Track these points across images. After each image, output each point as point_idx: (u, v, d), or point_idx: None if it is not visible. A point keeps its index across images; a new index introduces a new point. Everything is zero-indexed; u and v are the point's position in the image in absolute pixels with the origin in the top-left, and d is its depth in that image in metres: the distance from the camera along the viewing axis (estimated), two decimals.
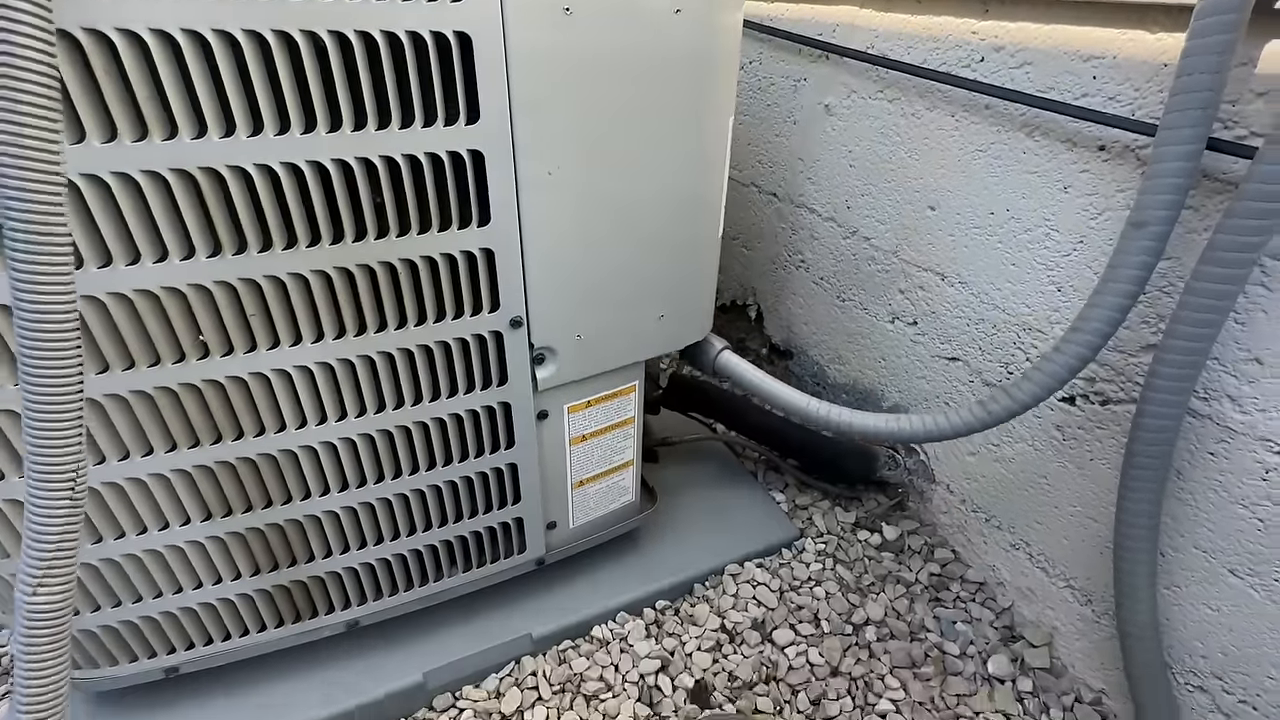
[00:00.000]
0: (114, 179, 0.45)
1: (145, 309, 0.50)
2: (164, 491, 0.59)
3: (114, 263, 0.48)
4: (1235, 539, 0.64)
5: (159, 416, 0.55)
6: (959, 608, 0.92)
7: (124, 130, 0.44)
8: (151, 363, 0.53)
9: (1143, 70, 0.63)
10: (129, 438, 0.55)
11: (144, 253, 0.49)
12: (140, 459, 0.56)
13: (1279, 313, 0.57)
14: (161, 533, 0.61)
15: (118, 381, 0.52)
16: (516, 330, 0.65)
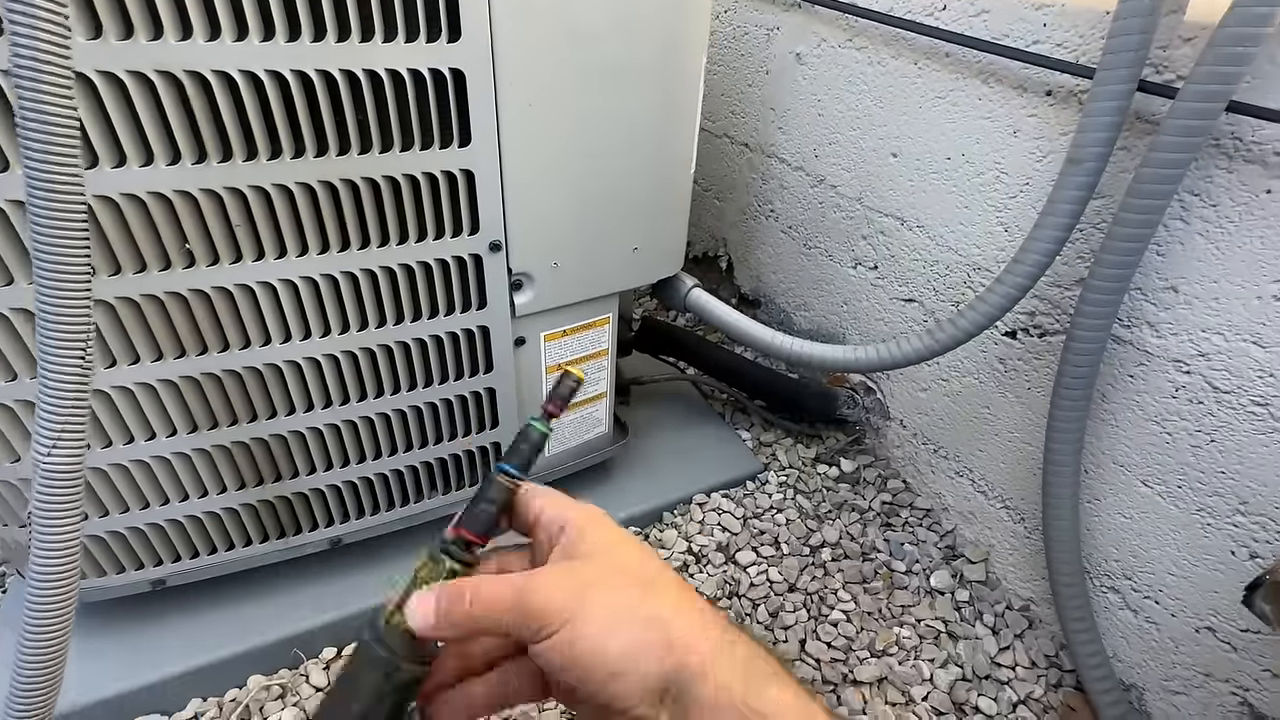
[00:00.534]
0: (100, 78, 0.46)
1: (131, 214, 0.52)
2: (151, 402, 0.61)
3: (100, 165, 0.49)
4: (1147, 452, 0.71)
5: (145, 325, 0.57)
6: (907, 531, 0.99)
7: (109, 29, 0.45)
8: (138, 269, 0.54)
9: (1087, 17, 0.67)
10: (116, 346, 0.57)
11: (130, 156, 0.50)
12: (127, 367, 0.58)
13: (1194, 244, 0.63)
14: (149, 443, 0.63)
15: (104, 287, 0.54)
16: (495, 254, 0.67)
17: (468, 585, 0.29)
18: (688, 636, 0.27)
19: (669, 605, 0.28)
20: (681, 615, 0.27)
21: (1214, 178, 0.61)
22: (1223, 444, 0.65)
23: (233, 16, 0.48)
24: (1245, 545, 0.65)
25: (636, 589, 0.28)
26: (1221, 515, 0.66)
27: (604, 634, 0.26)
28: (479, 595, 0.28)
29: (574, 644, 0.26)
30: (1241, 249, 0.60)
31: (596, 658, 0.26)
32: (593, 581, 0.28)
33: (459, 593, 0.29)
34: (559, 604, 0.27)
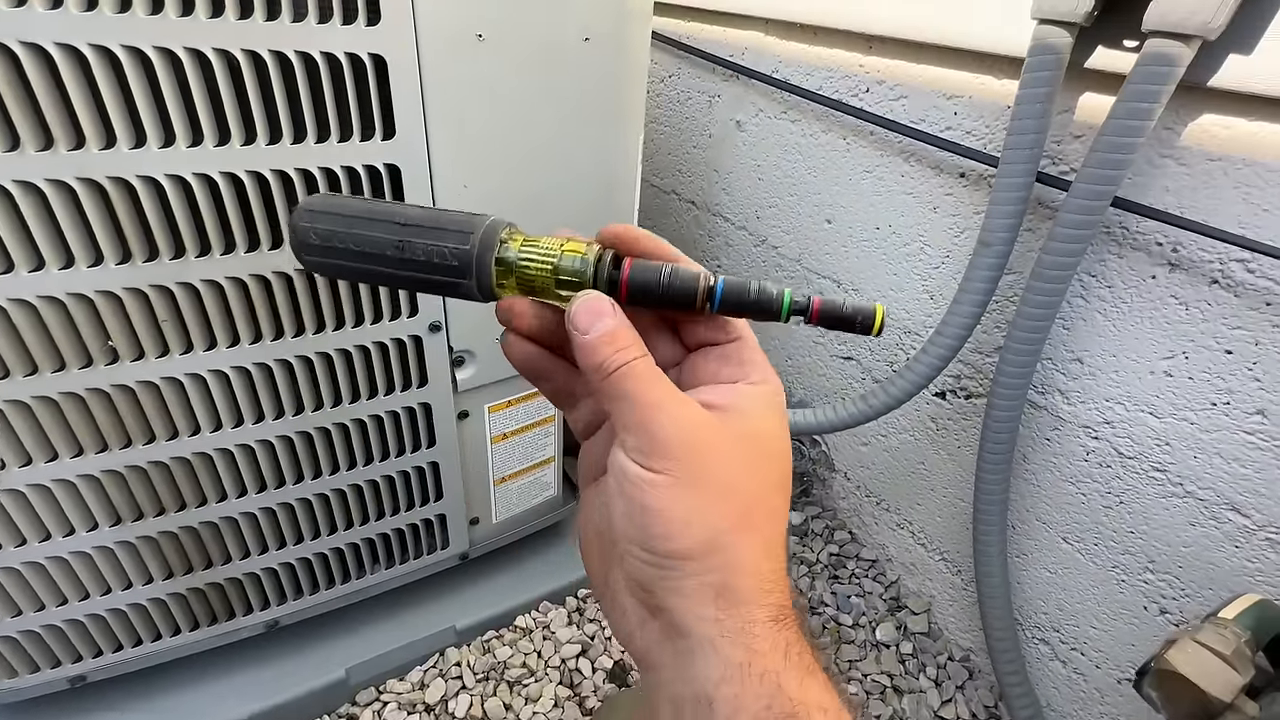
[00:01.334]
0: (16, 187, 0.45)
1: (50, 316, 0.51)
2: (70, 497, 0.59)
3: (16, 269, 0.48)
4: (1066, 511, 0.75)
5: (64, 422, 0.55)
6: (854, 583, 1.01)
7: (26, 140, 0.45)
8: (56, 368, 0.53)
9: (991, 110, 0.73)
10: (31, 444, 0.55)
11: (48, 260, 0.49)
12: (44, 465, 0.56)
13: (1094, 321, 0.68)
14: (67, 539, 0.60)
15: (19, 388, 0.52)
16: (435, 334, 0.68)
17: (631, 348, 0.24)
18: (744, 587, 0.23)
19: (747, 550, 0.23)
20: (746, 571, 0.23)
21: (1107, 261, 0.66)
22: (1130, 505, 0.69)
23: (159, 123, 0.48)
24: (1155, 601, 0.69)
25: (734, 513, 0.23)
26: (1133, 572, 0.70)
27: (676, 523, 0.23)
28: (633, 375, 0.24)
29: (647, 496, 0.23)
30: (1135, 327, 0.65)
31: (660, 526, 0.23)
32: (708, 473, 0.23)
33: (616, 341, 0.24)
34: (668, 455, 0.23)
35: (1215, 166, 0.57)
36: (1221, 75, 0.53)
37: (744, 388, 0.26)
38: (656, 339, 0.29)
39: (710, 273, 0.26)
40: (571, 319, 0.24)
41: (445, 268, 0.25)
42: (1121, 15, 0.56)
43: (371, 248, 0.26)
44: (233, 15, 0.47)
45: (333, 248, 0.26)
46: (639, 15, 0.67)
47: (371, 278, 0.27)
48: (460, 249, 0.25)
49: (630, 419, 0.23)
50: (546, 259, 0.26)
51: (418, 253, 0.25)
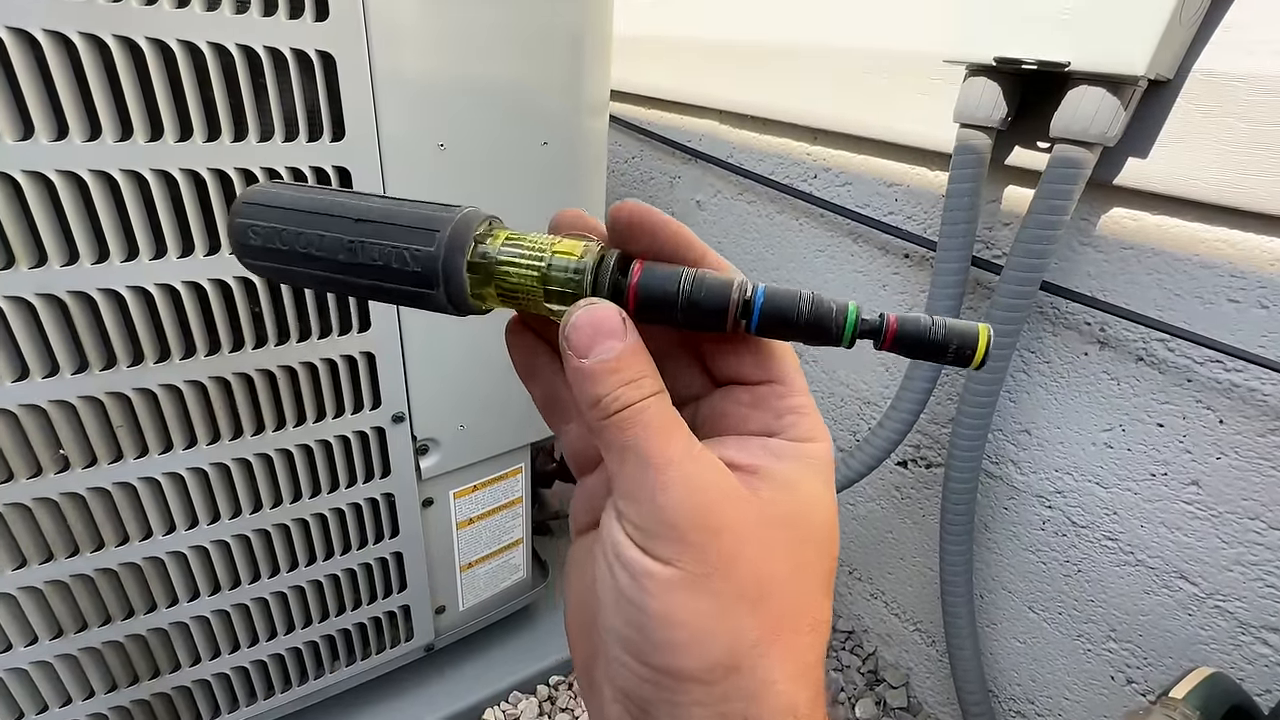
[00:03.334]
0: None
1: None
2: (9, 611, 0.56)
3: None
4: (1028, 579, 0.76)
5: (8, 533, 0.54)
6: (832, 657, 1.00)
7: None
8: (3, 479, 0.52)
9: (928, 198, 0.78)
10: None
11: (0, 373, 0.49)
12: None
13: (1037, 394, 0.71)
14: (3, 655, 0.57)
15: None
16: (399, 425, 0.68)
17: (642, 381, 0.18)
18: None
19: (780, 672, 0.18)
20: (777, 703, 0.18)
21: (1044, 339, 0.70)
22: (1088, 574, 0.70)
23: (122, 237, 0.50)
24: (1121, 671, 0.69)
25: (765, 623, 0.18)
26: (1097, 641, 0.71)
27: (685, 633, 0.17)
28: (642, 421, 0.18)
29: (647, 593, 0.18)
30: (1075, 400, 0.68)
31: (662, 634, 0.18)
32: (733, 566, 0.18)
33: (624, 371, 0.18)
34: (679, 538, 0.17)
35: (1130, 254, 0.61)
36: (1124, 175, 0.58)
37: (783, 446, 0.20)
38: (675, 364, 0.22)
39: (748, 280, 0.20)
40: (567, 335, 0.19)
41: (407, 274, 0.20)
42: (1032, 122, 0.62)
43: (320, 249, 0.21)
44: (200, 138, 0.49)
45: (275, 249, 0.21)
46: (595, 112, 0.71)
47: (322, 284, 0.22)
48: (423, 251, 0.20)
49: (632, 482, 0.18)
50: (533, 261, 0.20)
51: (373, 255, 0.20)
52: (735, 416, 0.21)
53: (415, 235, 0.20)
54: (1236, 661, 0.60)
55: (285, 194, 0.22)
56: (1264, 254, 0.53)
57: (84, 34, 0.44)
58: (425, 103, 0.57)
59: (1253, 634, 0.58)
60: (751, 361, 0.21)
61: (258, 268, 0.22)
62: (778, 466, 0.19)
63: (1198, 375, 0.58)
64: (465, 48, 0.58)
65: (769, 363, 0.21)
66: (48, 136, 0.45)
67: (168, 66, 0.47)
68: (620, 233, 0.21)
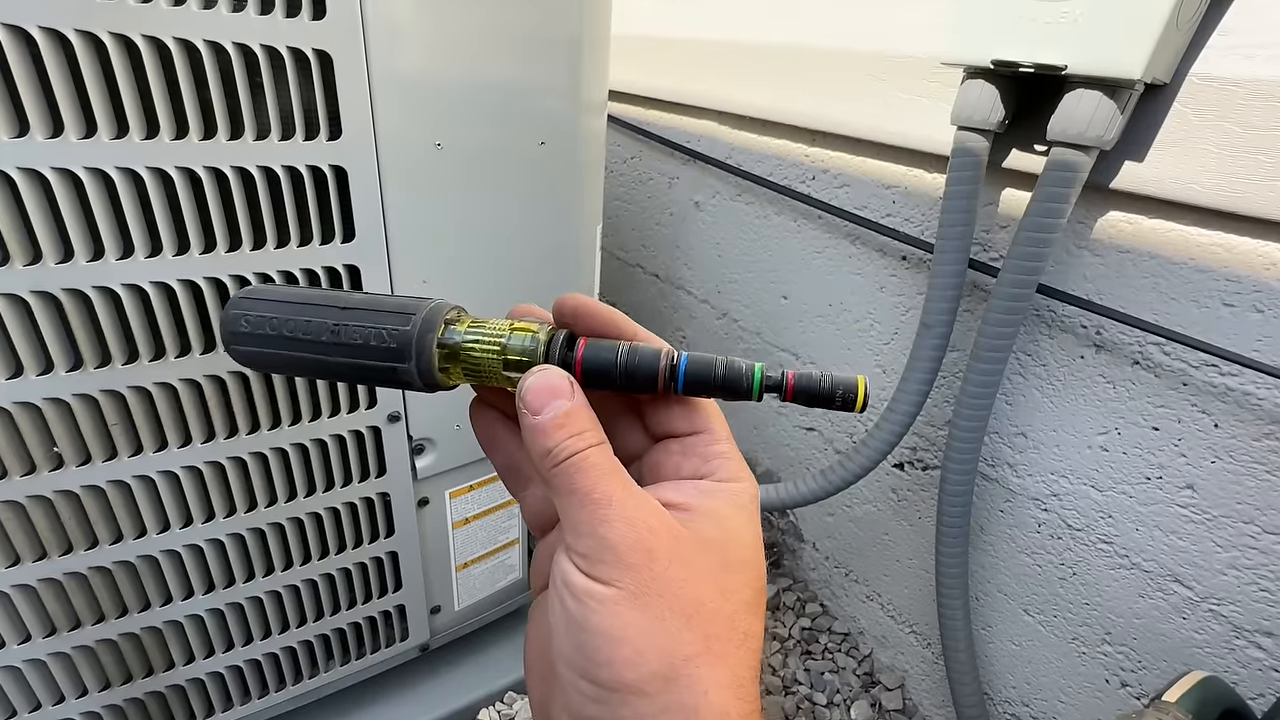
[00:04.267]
0: None
1: None
2: (1, 609, 0.56)
3: None
4: (1024, 582, 0.76)
5: (1, 531, 0.53)
6: (827, 659, 1.00)
7: None
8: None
9: (926, 200, 0.78)
10: None
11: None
12: None
13: (1033, 397, 0.72)
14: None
15: None
16: (394, 424, 0.68)
17: (586, 433, 0.21)
18: None
19: (713, 684, 0.20)
20: (711, 712, 0.19)
21: (1040, 342, 0.70)
22: (1083, 577, 0.70)
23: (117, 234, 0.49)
24: (1116, 674, 0.69)
25: (697, 638, 0.20)
26: (1092, 644, 0.71)
27: (625, 648, 0.19)
28: (584, 466, 0.21)
29: (590, 611, 0.20)
30: (1071, 403, 0.68)
31: (604, 651, 0.19)
32: (667, 587, 0.20)
33: (570, 425, 0.21)
34: (618, 562, 0.20)
35: (1125, 258, 0.61)
36: (1121, 179, 0.58)
37: (711, 486, 0.23)
38: (622, 427, 0.26)
39: (674, 350, 0.24)
40: (522, 396, 0.22)
41: (383, 350, 0.24)
42: (1029, 125, 0.62)
43: (305, 333, 0.24)
44: (196, 136, 0.49)
45: (264, 335, 0.24)
46: (593, 112, 0.71)
47: (305, 367, 0.25)
48: (399, 330, 0.24)
49: (578, 519, 0.20)
50: (493, 340, 0.24)
51: (354, 335, 0.24)
52: (670, 465, 0.25)
53: (393, 318, 0.24)
54: (1230, 665, 0.60)
55: (277, 290, 0.26)
56: (1259, 258, 0.53)
57: (80, 31, 0.44)
58: (422, 102, 0.57)
59: (1247, 638, 0.58)
60: (681, 415, 0.25)
61: (245, 354, 0.25)
62: (707, 503, 0.22)
63: (1193, 379, 0.58)
64: (463, 47, 0.57)
65: (695, 416, 0.25)
66: (43, 134, 0.45)
67: (164, 64, 0.47)
68: (566, 318, 0.25)
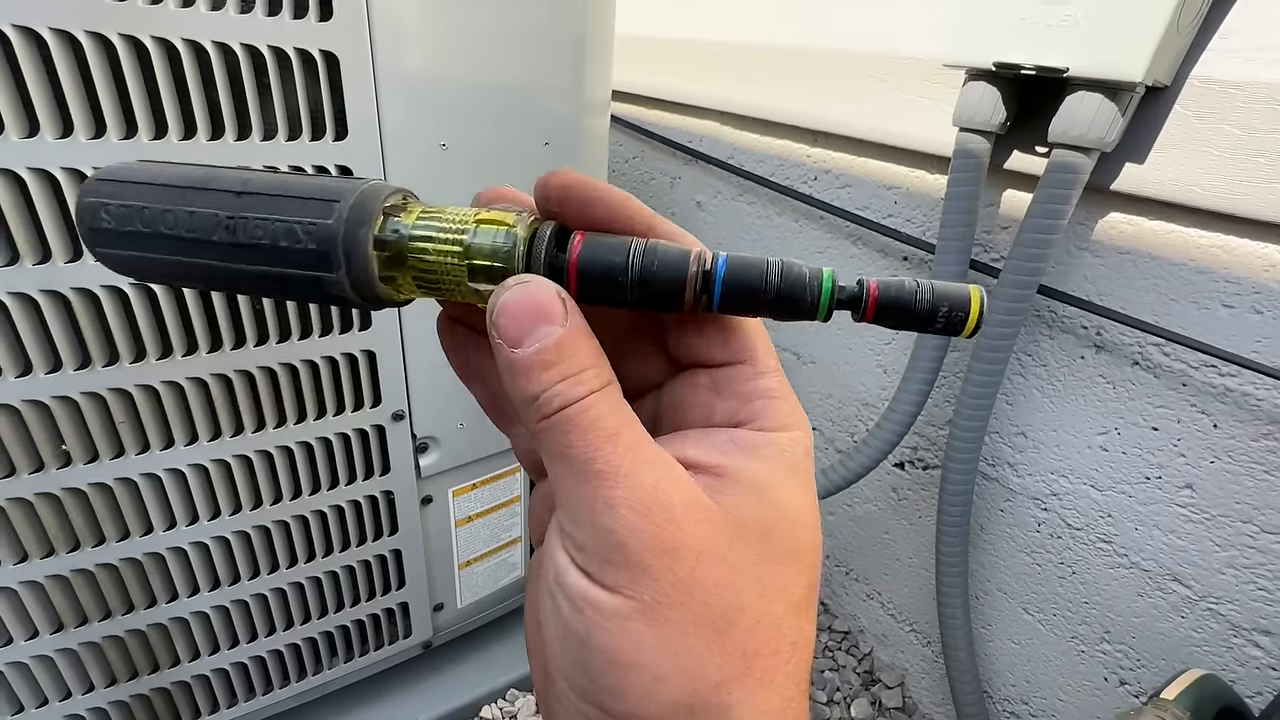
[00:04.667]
0: None
1: (2, 423, 0.50)
2: (10, 605, 0.57)
3: None
4: (1024, 580, 0.77)
5: (9, 528, 0.54)
6: (827, 656, 1.00)
7: None
8: (5, 474, 0.52)
9: (927, 201, 0.78)
10: None
11: (4, 368, 0.49)
12: None
13: (1033, 397, 0.72)
14: (4, 649, 0.58)
15: None
16: (399, 423, 0.68)
17: (585, 374, 0.16)
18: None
19: (752, 714, 0.15)
20: None
21: (1040, 342, 0.70)
22: (1083, 576, 0.71)
23: None
24: (1115, 672, 0.70)
25: (733, 657, 0.15)
26: (1091, 643, 0.71)
27: (638, 674, 0.15)
28: (583, 423, 0.15)
29: (594, 627, 0.15)
30: (1071, 403, 0.69)
31: (612, 676, 0.15)
32: (692, 593, 0.15)
33: (562, 362, 0.15)
34: (629, 562, 0.15)
35: (1126, 259, 0.62)
36: (1121, 181, 0.59)
37: (753, 437, 0.17)
38: (633, 349, 0.20)
39: (707, 250, 0.17)
40: (495, 320, 0.16)
41: (298, 253, 0.17)
42: (1030, 126, 0.62)
43: (190, 229, 0.17)
44: (204, 137, 0.49)
45: (134, 232, 0.18)
46: (597, 112, 0.71)
47: (193, 274, 0.18)
48: (319, 224, 0.17)
49: (574, 498, 0.15)
50: (452, 237, 0.17)
51: (256, 232, 0.17)
52: (700, 405, 0.18)
53: (310, 207, 0.17)
54: (1228, 663, 0.60)
55: (149, 168, 0.18)
56: (1258, 260, 0.53)
57: (89, 32, 0.44)
58: (428, 103, 0.57)
59: (1245, 636, 0.59)
60: (715, 340, 0.18)
61: (112, 257, 0.18)
62: (747, 466, 0.16)
63: (1192, 380, 0.59)
64: (468, 48, 0.58)
65: (734, 340, 0.18)
66: (53, 134, 0.45)
67: (172, 65, 0.47)
68: (553, 204, 0.17)
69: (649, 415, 0.18)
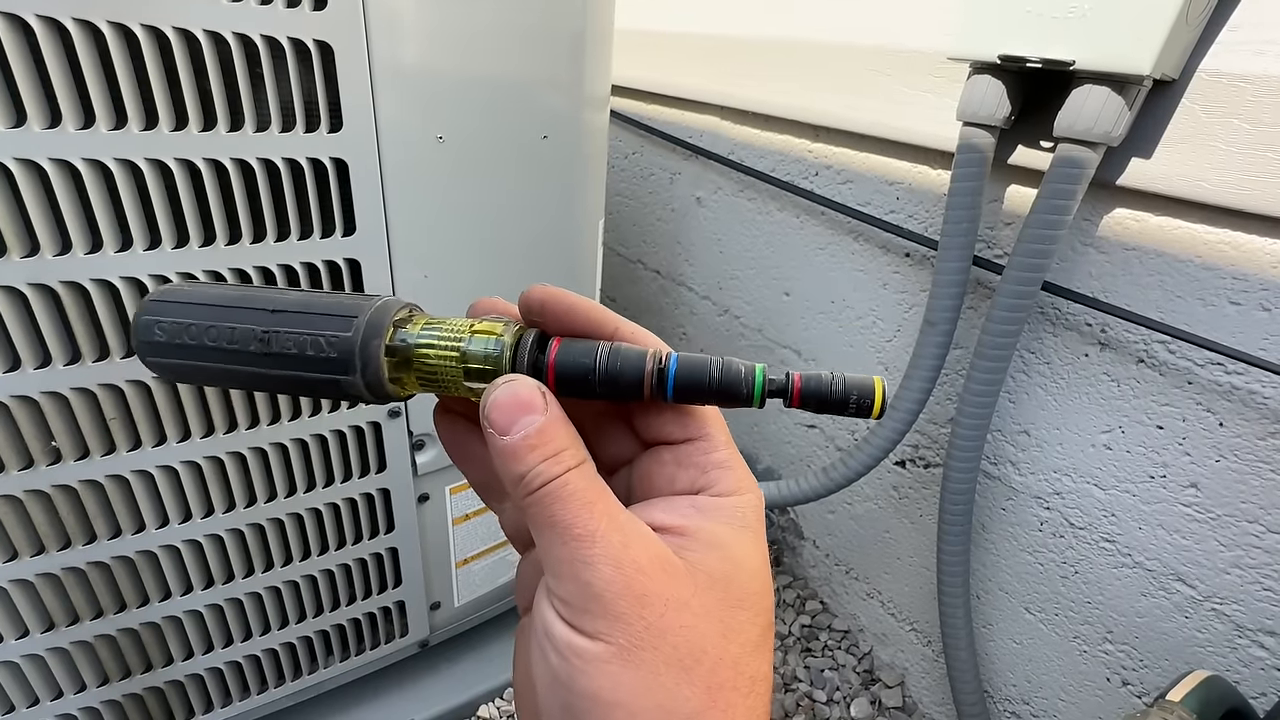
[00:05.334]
0: None
1: None
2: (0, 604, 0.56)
3: None
4: (1025, 580, 0.76)
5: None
6: (827, 656, 1.00)
7: None
8: None
9: (930, 196, 0.78)
10: None
11: None
12: None
13: (1036, 395, 0.71)
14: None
15: None
16: (395, 420, 0.68)
17: (563, 454, 0.18)
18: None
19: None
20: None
21: (1044, 339, 0.69)
22: (1085, 575, 0.70)
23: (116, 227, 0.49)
24: (1117, 672, 0.69)
25: (700, 693, 0.17)
26: (1093, 643, 0.71)
27: (617, 713, 0.17)
28: (563, 495, 0.18)
29: (576, 672, 0.17)
30: (1075, 401, 0.68)
31: (594, 716, 0.17)
32: (663, 637, 0.17)
33: (543, 445, 0.18)
34: (606, 612, 0.17)
35: (1132, 255, 0.61)
36: (1127, 176, 0.58)
37: (710, 502, 0.20)
38: (607, 431, 0.23)
39: (662, 350, 0.21)
40: (488, 413, 0.19)
41: (322, 361, 0.20)
42: (1035, 121, 0.62)
43: (231, 342, 0.21)
44: (195, 127, 0.48)
45: (182, 345, 0.21)
46: (596, 106, 0.70)
47: (233, 379, 0.21)
48: (340, 337, 0.20)
49: (557, 558, 0.18)
50: (450, 345, 0.21)
51: (287, 344, 0.20)
52: (663, 477, 0.21)
53: (331, 322, 0.21)
54: (1233, 664, 0.60)
55: (194, 291, 0.22)
56: (1266, 256, 0.53)
57: (78, 20, 0.43)
58: (424, 95, 0.56)
59: (1250, 637, 0.58)
60: (673, 420, 0.21)
61: (163, 366, 0.22)
62: (705, 526, 0.19)
63: (1198, 377, 0.58)
64: (465, 40, 0.57)
65: (690, 421, 0.21)
66: (40, 124, 0.44)
67: (163, 54, 0.46)
68: (534, 314, 0.21)
69: (623, 487, 0.21)
